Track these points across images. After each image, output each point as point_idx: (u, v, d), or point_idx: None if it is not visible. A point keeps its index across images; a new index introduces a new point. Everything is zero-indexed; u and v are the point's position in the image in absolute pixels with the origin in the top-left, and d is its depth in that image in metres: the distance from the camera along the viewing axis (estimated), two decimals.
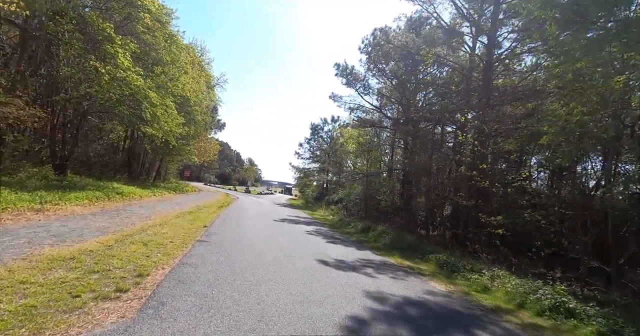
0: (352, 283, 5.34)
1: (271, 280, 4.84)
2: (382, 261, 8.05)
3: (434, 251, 9.59)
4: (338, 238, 11.32)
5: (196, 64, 26.61)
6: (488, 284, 6.31)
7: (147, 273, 4.38)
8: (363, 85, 25.46)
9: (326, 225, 16.02)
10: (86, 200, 10.22)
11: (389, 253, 9.50)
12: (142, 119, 14.87)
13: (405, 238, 11.92)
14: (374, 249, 9.98)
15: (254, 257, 6.22)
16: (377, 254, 9.07)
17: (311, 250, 7.97)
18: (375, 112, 26.85)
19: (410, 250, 10.20)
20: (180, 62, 17.13)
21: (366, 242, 11.78)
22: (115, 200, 11.99)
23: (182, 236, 7.40)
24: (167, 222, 9.24)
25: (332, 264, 6.68)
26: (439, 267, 7.98)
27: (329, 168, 34.36)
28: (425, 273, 7.20)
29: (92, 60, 11.35)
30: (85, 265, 4.37)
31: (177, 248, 6.11)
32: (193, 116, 23.14)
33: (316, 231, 12.70)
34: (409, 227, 17.77)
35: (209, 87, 31.10)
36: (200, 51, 33.09)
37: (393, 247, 10.79)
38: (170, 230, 7.87)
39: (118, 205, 11.09)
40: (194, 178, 67.24)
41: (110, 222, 7.89)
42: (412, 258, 9.16)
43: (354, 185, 27.47)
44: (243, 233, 9.26)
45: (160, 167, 28.44)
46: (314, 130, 37.38)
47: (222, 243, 7.17)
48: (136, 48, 13.32)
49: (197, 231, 8.43)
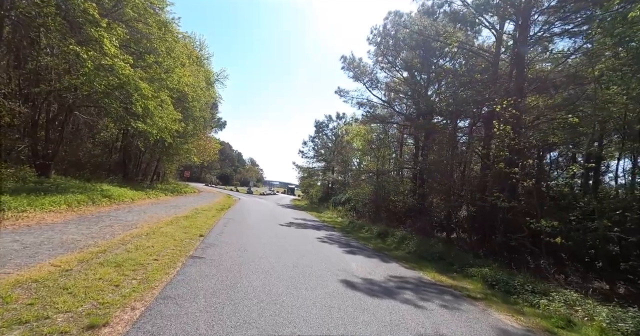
0: (399, 321, 3.87)
1: (290, 322, 3.38)
2: (417, 278, 6.57)
3: (471, 262, 8.11)
4: (355, 246, 9.85)
5: (194, 57, 25.24)
6: (568, 314, 4.82)
7: (105, 321, 2.92)
8: (370, 79, 24.08)
9: (337, 229, 14.55)
10: (64, 205, 8.79)
11: (418, 265, 8.02)
12: (133, 113, 13.45)
13: (431, 244, 10.44)
14: (400, 260, 8.50)
15: (262, 281, 4.76)
16: (407, 267, 7.59)
17: (330, 265, 6.50)
18: (384, 107, 25.41)
19: (442, 260, 8.72)
20: (176, 52, 15.68)
21: (386, 249, 10.31)
22: (101, 204, 10.55)
23: (172, 250, 5.95)
24: (157, 230, 7.79)
25: (360, 287, 5.22)
26: (487, 286, 6.49)
27: (336, 167, 32.84)
28: (476, 295, 5.71)
29: (72, 44, 9.91)
30: (12, 309, 2.92)
31: (160, 270, 4.65)
32: (191, 112, 21.70)
33: (328, 237, 11.24)
34: (426, 229, 16.39)
35: (208, 83, 29.69)
36: (199, 46, 31.76)
37: (420, 256, 9.31)
38: (157, 242, 6.42)
39: (102, 211, 9.65)
40: (195, 179, 65.98)
41: (83, 234, 6.45)
42: (448, 271, 7.68)
43: (362, 185, 25.99)
44: (246, 243, 7.80)
45: (157, 168, 27.01)
46: (319, 128, 35.91)
47: (221, 260, 5.71)
48: (124, 33, 11.91)
49: (191, 242, 6.97)
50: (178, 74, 15.90)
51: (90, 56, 10.32)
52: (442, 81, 18.57)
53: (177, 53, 15.76)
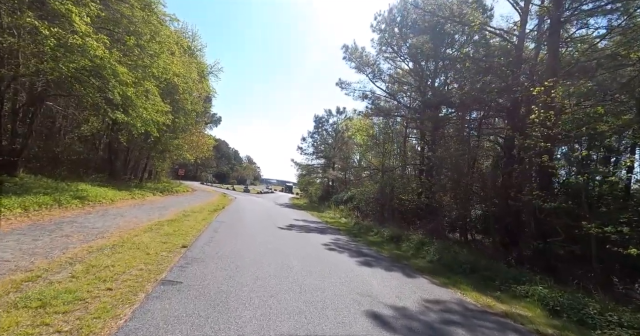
0: None
1: None
2: (458, 301, 5.13)
3: (513, 275, 6.69)
4: (368, 255, 8.39)
5: (185, 46, 23.58)
6: None
7: None
8: (373, 70, 22.61)
9: (343, 232, 13.10)
10: (18, 210, 7.25)
11: (450, 280, 6.58)
12: (112, 103, 11.89)
13: (455, 251, 9.02)
14: (425, 272, 7.07)
15: (259, 322, 3.28)
16: (438, 284, 6.16)
17: (345, 285, 5.04)
18: (388, 99, 23.91)
19: (476, 272, 7.29)
20: (162, 35, 14.07)
21: (404, 257, 8.87)
22: (70, 207, 9.00)
23: (138, 271, 4.46)
24: (128, 240, 6.29)
25: (394, 323, 3.76)
26: (549, 312, 5.07)
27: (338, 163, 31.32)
28: (547, 331, 4.27)
29: (29, 17, 8.33)
30: None
31: (108, 311, 3.15)
32: (182, 105, 20.08)
33: (335, 243, 9.78)
34: (439, 231, 15.07)
35: (201, 76, 28.04)
36: (191, 36, 30.08)
37: (445, 266, 7.88)
38: (122, 259, 4.92)
39: (67, 215, 8.11)
40: (191, 177, 64.25)
41: (21, 249, 4.93)
42: (488, 288, 6.26)
43: (366, 183, 24.55)
44: (239, 255, 6.32)
45: (148, 165, 25.37)
46: (318, 123, 34.33)
47: (204, 286, 4.23)
48: (99, 10, 10.35)
49: (168, 257, 5.48)
50: (164, 60, 14.29)
51: (54, 33, 8.75)
52: (451, 70, 17.07)
53: (162, 37, 14.15)
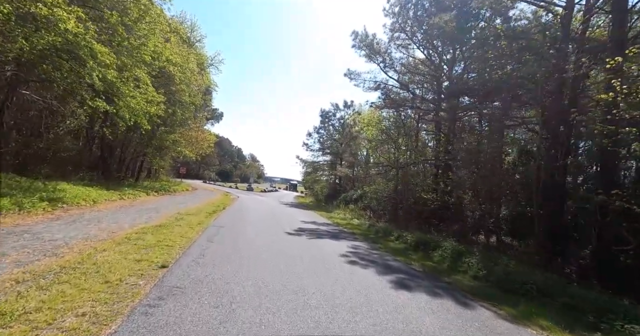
0: None
1: None
2: None
3: (609, 304, 4.99)
4: (399, 270, 6.72)
5: (182, 35, 22.00)
6: None
7: None
8: (385, 58, 20.85)
9: (359, 237, 11.45)
10: None
11: (519, 311, 4.89)
12: (93, 89, 10.33)
13: (504, 263, 7.32)
14: (480, 298, 5.39)
15: None
16: (508, 318, 4.49)
17: (391, 331, 3.40)
18: (401, 90, 22.11)
19: (546, 296, 5.59)
20: (152, 15, 12.44)
21: (441, 272, 7.20)
22: (35, 212, 7.44)
23: (73, 322, 2.84)
24: (88, 259, 4.69)
25: None
26: None
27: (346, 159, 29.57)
28: None
29: None
30: None
31: None
32: (179, 97, 18.49)
33: (355, 252, 8.13)
34: (463, 233, 13.51)
35: (201, 68, 26.47)
36: (190, 27, 28.52)
37: (500, 286, 6.20)
38: (61, 296, 3.30)
39: (23, 223, 6.52)
40: (193, 175, 62.99)
41: None
42: (580, 325, 4.57)
43: (378, 180, 22.84)
44: (235, 283, 4.69)
45: (144, 163, 23.89)
46: (325, 118, 32.57)
47: None
48: None
49: (134, 288, 3.85)
50: (154, 44, 12.68)
51: None
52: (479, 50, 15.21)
53: (153, 16, 12.52)
